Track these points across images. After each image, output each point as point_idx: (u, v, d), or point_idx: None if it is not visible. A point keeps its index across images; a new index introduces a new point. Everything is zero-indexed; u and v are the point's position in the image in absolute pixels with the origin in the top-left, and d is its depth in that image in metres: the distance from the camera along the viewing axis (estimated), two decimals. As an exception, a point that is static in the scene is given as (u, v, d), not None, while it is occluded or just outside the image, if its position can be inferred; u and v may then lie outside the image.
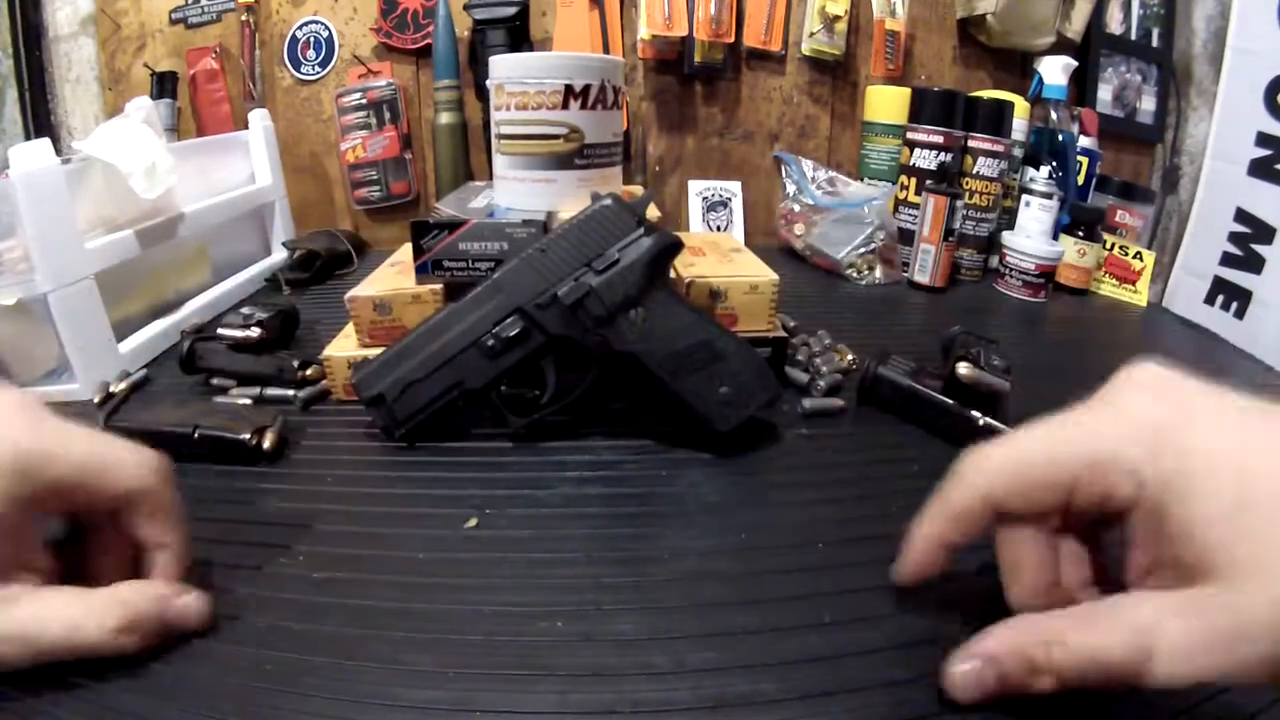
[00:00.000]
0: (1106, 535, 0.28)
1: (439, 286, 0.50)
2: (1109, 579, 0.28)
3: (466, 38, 0.87)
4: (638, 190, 0.52)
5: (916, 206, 0.81)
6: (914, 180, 0.83)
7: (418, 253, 0.48)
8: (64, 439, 0.28)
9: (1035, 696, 0.25)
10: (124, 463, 0.29)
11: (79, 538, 0.31)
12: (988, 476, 0.28)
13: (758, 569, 0.34)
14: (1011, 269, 0.79)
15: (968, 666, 0.26)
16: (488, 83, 0.52)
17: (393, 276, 0.52)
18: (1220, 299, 0.74)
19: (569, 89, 0.49)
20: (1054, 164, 0.83)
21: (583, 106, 0.50)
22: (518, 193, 0.52)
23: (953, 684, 0.27)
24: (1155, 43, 0.97)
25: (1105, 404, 0.26)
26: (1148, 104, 0.99)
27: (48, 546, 0.29)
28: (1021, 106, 0.84)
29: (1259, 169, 0.70)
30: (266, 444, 0.43)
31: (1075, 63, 0.84)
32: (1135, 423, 0.25)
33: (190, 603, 0.30)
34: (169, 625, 0.29)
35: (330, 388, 0.51)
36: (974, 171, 0.81)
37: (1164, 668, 0.22)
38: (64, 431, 0.28)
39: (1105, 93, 0.96)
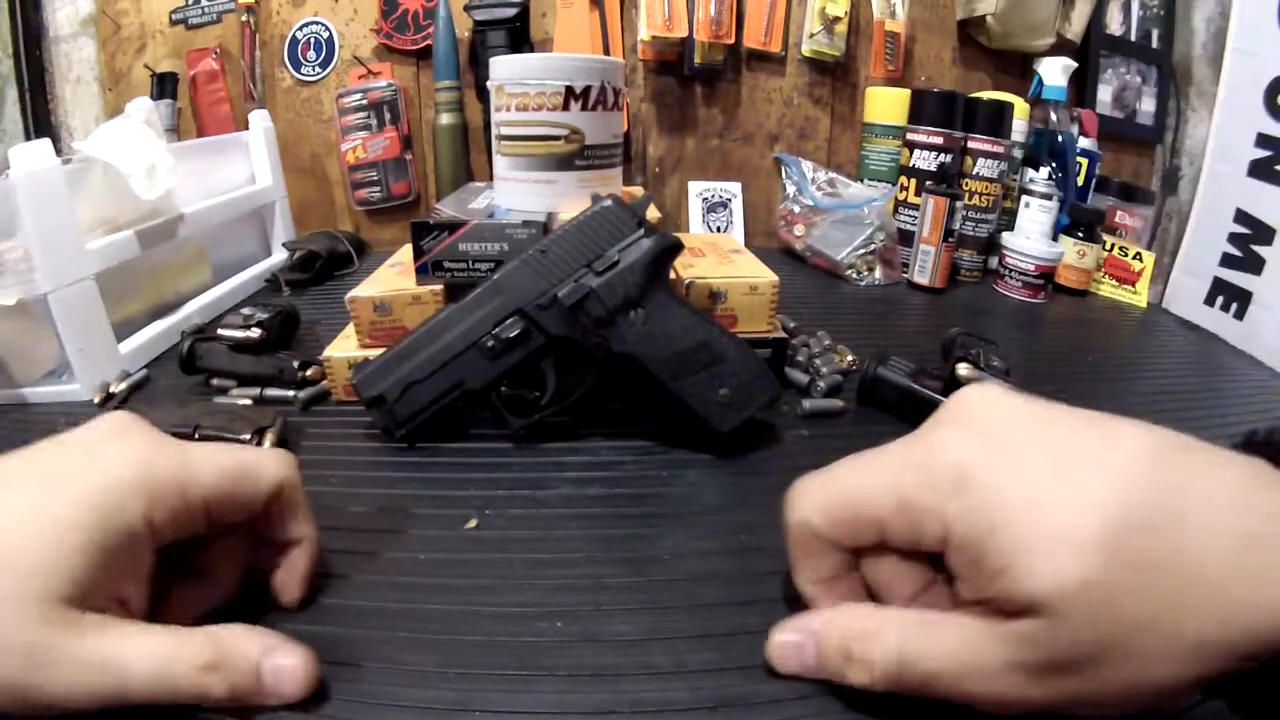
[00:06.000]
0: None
1: (439, 287, 0.50)
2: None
3: (467, 39, 0.87)
4: (638, 191, 0.52)
5: (916, 207, 0.81)
6: (914, 181, 0.83)
7: (418, 254, 0.48)
8: (195, 456, 0.27)
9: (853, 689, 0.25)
10: (264, 461, 0.29)
11: (199, 543, 0.29)
12: (802, 510, 0.27)
13: (758, 569, 0.34)
14: (1011, 270, 0.79)
15: (790, 638, 0.27)
16: (488, 84, 0.52)
17: (393, 277, 0.53)
18: (1220, 300, 0.74)
19: (569, 90, 0.49)
20: (1053, 165, 0.83)
21: (583, 108, 0.50)
22: (518, 194, 0.52)
23: (772, 650, 0.27)
24: (1155, 44, 0.97)
25: (919, 439, 0.26)
26: (1147, 105, 0.99)
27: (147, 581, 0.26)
28: (1021, 108, 0.84)
29: (1259, 170, 0.70)
30: (267, 444, 0.43)
31: (1075, 64, 0.85)
32: (939, 463, 0.24)
33: (293, 662, 0.25)
34: (266, 679, 0.25)
35: (330, 388, 0.51)
36: (974, 172, 0.82)
37: (977, 686, 0.23)
38: (190, 449, 0.27)
39: (1105, 94, 0.96)
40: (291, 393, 0.51)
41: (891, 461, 0.26)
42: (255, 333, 0.53)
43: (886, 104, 0.88)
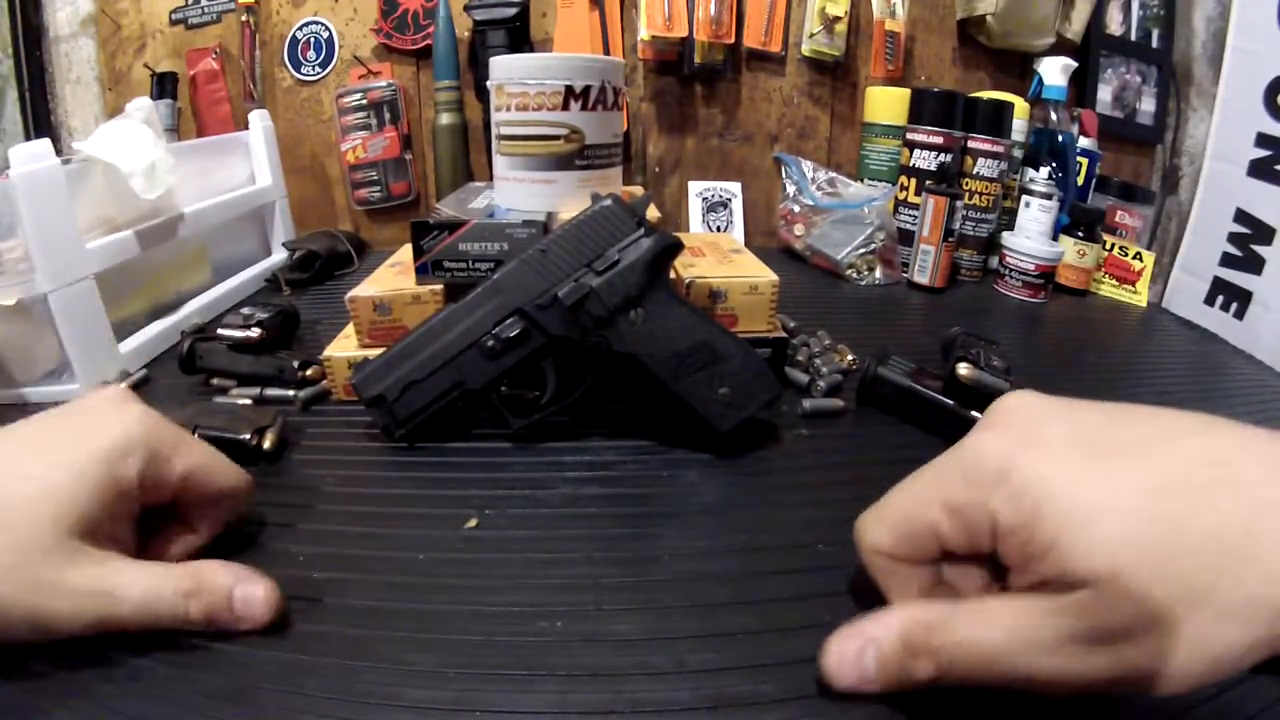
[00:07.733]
0: None
1: (439, 287, 0.50)
2: None
3: (467, 38, 0.87)
4: (638, 191, 0.52)
5: (916, 207, 0.81)
6: (914, 181, 0.83)
7: (418, 253, 0.48)
8: (186, 438, 0.32)
9: (918, 690, 0.25)
10: (227, 466, 0.34)
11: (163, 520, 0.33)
12: (869, 537, 0.28)
13: (757, 569, 0.34)
14: (1011, 269, 0.79)
15: (850, 645, 0.26)
16: (488, 83, 0.52)
17: (393, 277, 0.52)
18: (1220, 300, 0.74)
19: (569, 90, 0.49)
20: (1054, 165, 0.83)
21: (583, 107, 0.50)
22: (518, 193, 0.52)
23: (829, 663, 0.26)
24: (1155, 44, 0.97)
25: (959, 446, 0.27)
26: (1147, 105, 0.99)
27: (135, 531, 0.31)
28: (1021, 107, 0.84)
29: (1259, 170, 0.70)
30: (266, 444, 0.43)
31: (1075, 63, 0.85)
32: (979, 462, 0.25)
33: (260, 591, 0.29)
34: (236, 605, 0.29)
35: (330, 388, 0.51)
36: (974, 172, 0.82)
37: (1033, 662, 0.23)
38: (183, 432, 0.32)
39: (1105, 93, 0.96)
40: (291, 392, 0.51)
41: (935, 471, 0.27)
42: (255, 332, 0.53)
43: (886, 104, 0.88)
